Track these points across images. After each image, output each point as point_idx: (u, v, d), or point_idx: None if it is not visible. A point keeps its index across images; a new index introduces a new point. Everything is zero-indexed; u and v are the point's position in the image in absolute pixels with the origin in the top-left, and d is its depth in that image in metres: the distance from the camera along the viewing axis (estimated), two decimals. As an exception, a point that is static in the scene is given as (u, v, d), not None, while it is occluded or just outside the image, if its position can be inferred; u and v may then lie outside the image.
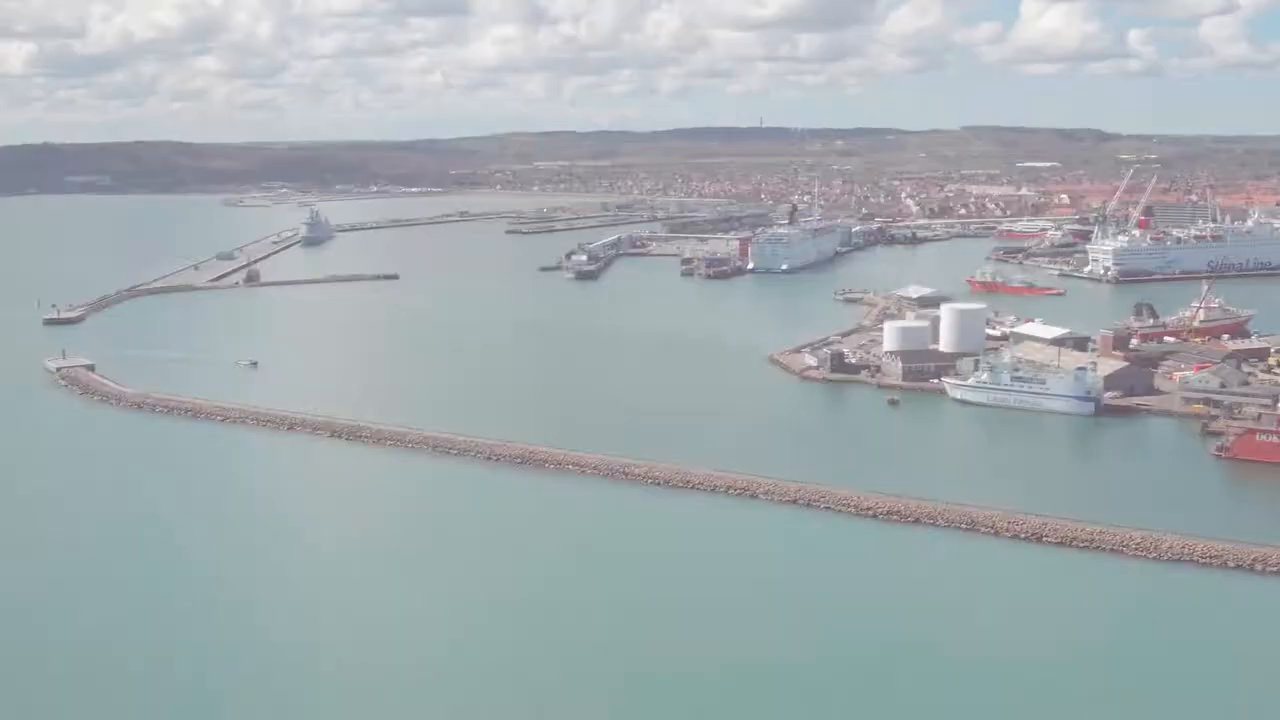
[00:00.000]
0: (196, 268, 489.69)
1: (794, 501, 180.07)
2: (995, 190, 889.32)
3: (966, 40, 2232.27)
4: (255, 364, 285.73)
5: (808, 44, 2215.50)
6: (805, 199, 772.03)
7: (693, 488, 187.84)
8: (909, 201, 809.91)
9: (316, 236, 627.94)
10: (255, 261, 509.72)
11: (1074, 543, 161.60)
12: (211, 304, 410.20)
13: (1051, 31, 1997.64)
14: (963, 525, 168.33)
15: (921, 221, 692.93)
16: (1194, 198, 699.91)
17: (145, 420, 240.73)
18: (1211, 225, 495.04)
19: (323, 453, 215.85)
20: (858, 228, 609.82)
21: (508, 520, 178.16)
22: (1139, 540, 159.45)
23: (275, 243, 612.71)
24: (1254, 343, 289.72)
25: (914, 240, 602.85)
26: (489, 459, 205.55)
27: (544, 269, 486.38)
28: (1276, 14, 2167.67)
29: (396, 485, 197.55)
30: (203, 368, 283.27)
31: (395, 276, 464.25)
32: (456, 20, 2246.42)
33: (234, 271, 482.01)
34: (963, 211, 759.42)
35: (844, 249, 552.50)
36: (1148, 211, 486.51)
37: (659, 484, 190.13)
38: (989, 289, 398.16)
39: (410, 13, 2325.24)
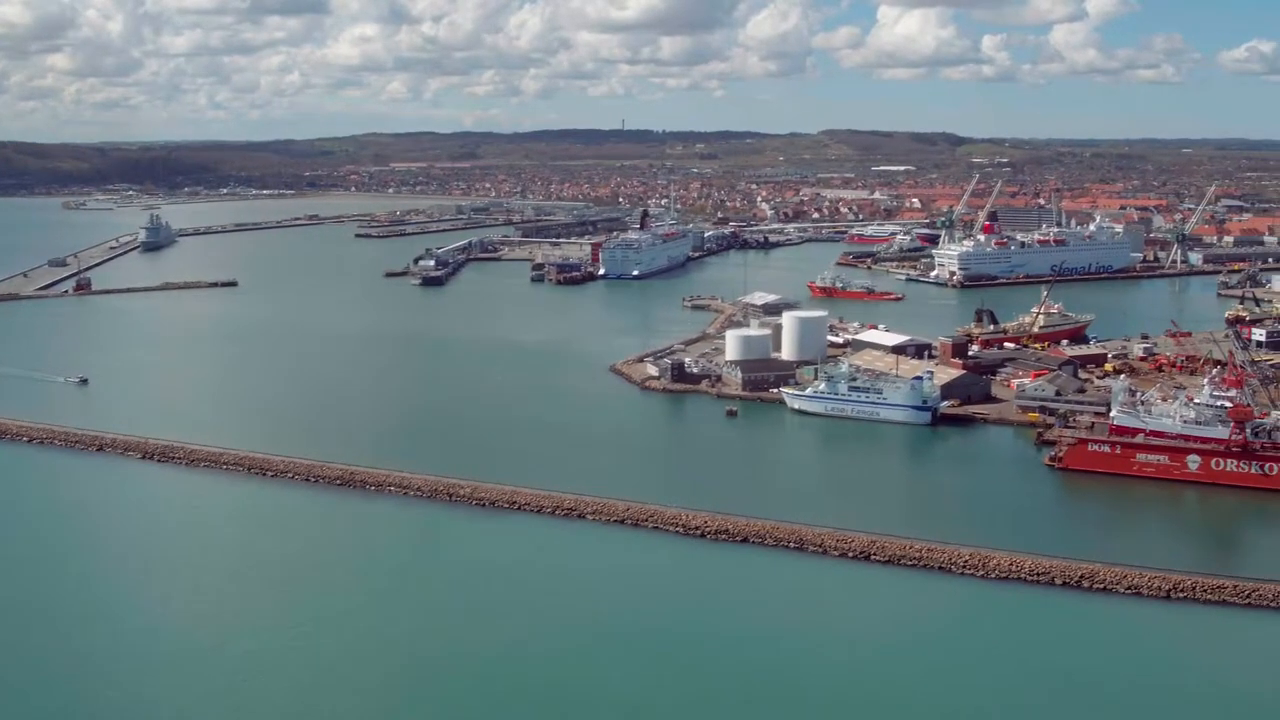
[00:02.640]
0: (26, 275, 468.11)
1: (622, 521, 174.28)
2: (849, 194, 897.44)
3: (826, 45, 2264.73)
4: (85, 381, 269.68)
5: (670, 47, 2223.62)
6: (663, 203, 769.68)
7: (519, 509, 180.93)
8: (764, 205, 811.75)
9: (156, 241, 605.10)
10: (89, 268, 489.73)
11: (902, 561, 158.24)
12: (37, 315, 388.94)
13: (907, 37, 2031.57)
14: (791, 544, 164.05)
15: (775, 225, 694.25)
16: (1041, 202, 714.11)
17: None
18: (1055, 230, 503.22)
19: (133, 476, 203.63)
20: (710, 232, 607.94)
21: (317, 546, 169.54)
22: (967, 558, 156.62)
23: (113, 248, 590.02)
24: (1092, 348, 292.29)
25: (767, 245, 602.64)
26: (307, 480, 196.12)
27: (390, 275, 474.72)
28: (1123, 22, 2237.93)
29: (202, 510, 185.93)
30: (27, 385, 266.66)
31: (234, 284, 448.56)
32: (315, 19, 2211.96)
33: (64, 279, 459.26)
34: (816, 215, 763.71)
35: (697, 254, 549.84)
36: (992, 216, 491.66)
37: (484, 505, 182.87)
38: (829, 294, 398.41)
39: (267, 11, 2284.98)
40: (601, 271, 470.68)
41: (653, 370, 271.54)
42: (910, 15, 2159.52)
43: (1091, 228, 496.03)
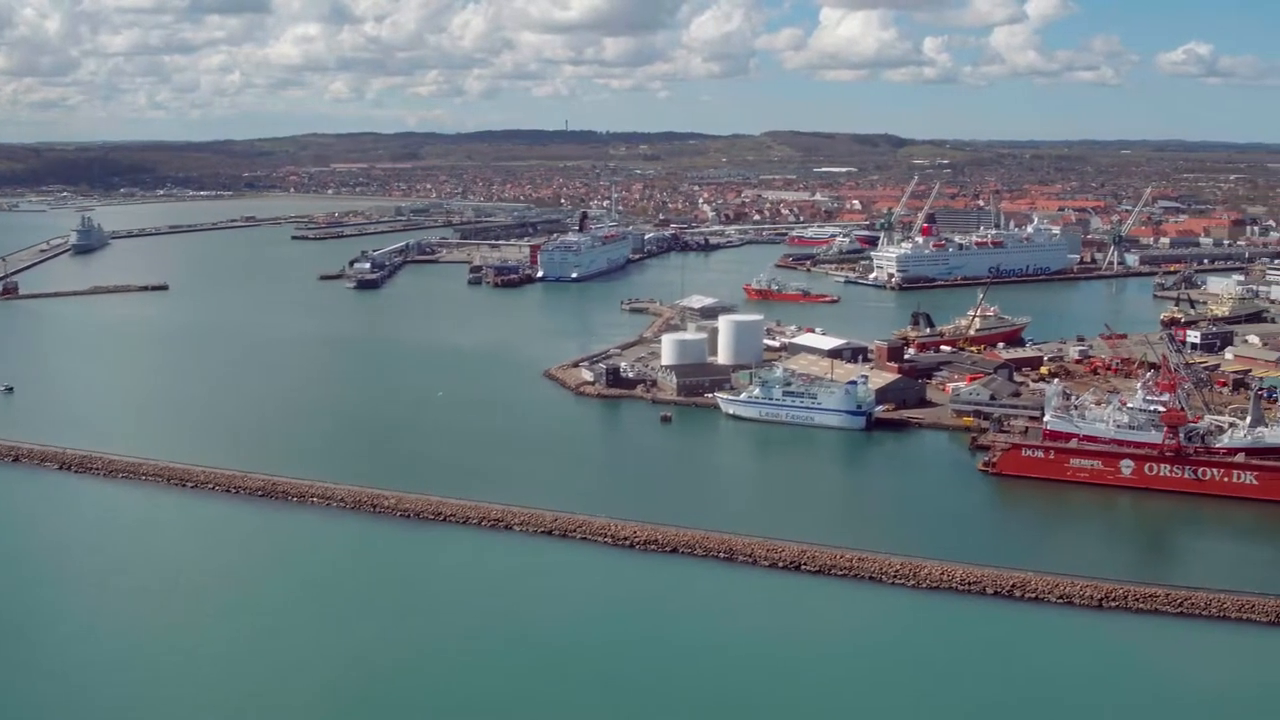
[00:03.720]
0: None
1: (549, 532, 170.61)
2: (790, 196, 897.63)
3: (769, 46, 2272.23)
4: (10, 389, 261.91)
5: (614, 47, 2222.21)
6: (605, 204, 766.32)
7: (445, 520, 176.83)
8: (706, 207, 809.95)
9: (88, 244, 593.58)
10: (17, 272, 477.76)
11: (833, 571, 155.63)
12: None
13: (849, 39, 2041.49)
14: (721, 554, 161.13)
15: (716, 227, 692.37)
16: (981, 203, 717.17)
17: None
18: (993, 232, 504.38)
19: (49, 488, 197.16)
20: (651, 234, 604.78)
21: (232, 560, 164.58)
22: (898, 567, 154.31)
23: (43, 251, 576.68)
24: (1028, 351, 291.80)
25: (707, 247, 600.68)
26: (228, 491, 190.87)
27: (324, 278, 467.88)
28: (1063, 24, 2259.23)
29: (115, 523, 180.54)
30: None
31: (164, 287, 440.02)
32: (256, 19, 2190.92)
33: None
34: (757, 217, 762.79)
35: (637, 256, 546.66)
36: (930, 218, 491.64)
37: (409, 517, 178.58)
38: (765, 296, 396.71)
39: (207, 10, 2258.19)
40: (540, 274, 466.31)
41: (587, 375, 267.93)
42: (852, 17, 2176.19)
43: (1029, 229, 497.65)
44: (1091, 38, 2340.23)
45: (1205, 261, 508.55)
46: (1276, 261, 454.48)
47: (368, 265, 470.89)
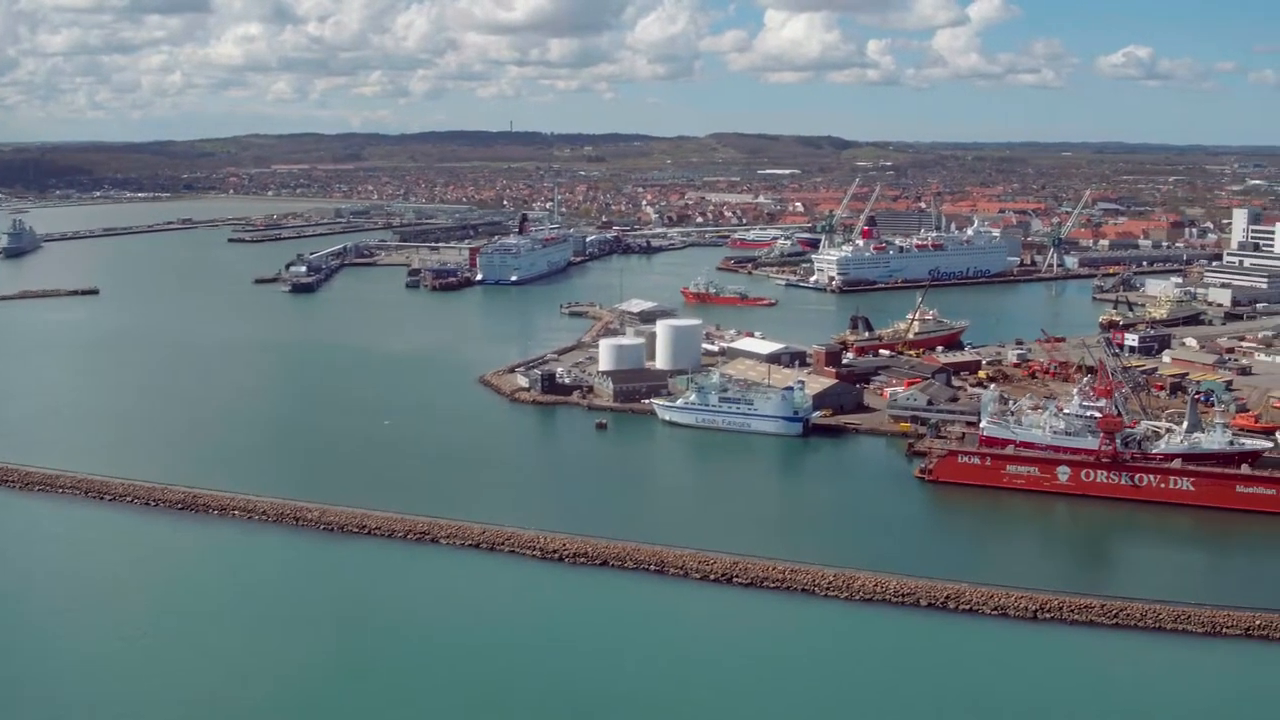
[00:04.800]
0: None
1: (477, 545, 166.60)
2: (734, 198, 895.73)
3: (713, 48, 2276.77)
4: None
5: (559, 49, 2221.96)
6: (548, 206, 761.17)
7: (369, 533, 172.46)
8: (649, 209, 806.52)
9: (19, 247, 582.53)
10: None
11: (765, 583, 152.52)
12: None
13: (794, 41, 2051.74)
14: (652, 567, 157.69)
15: (659, 230, 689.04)
16: (923, 205, 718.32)
17: None
18: (933, 234, 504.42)
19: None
20: (593, 237, 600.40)
21: (149, 574, 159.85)
22: (831, 579, 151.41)
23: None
24: (966, 355, 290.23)
25: (649, 249, 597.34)
26: (148, 504, 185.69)
27: (259, 281, 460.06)
28: (1005, 27, 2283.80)
29: (30, 537, 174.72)
30: None
31: (95, 291, 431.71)
32: (196, 18, 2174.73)
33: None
34: (700, 219, 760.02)
35: (579, 259, 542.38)
36: (871, 221, 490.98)
37: (333, 530, 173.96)
38: (703, 300, 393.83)
39: (147, 10, 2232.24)
40: (479, 277, 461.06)
41: (523, 381, 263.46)
42: (796, 19, 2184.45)
43: (969, 232, 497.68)
44: (1033, 41, 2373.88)
45: (1144, 264, 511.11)
46: (1214, 264, 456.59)
47: (303, 268, 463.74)
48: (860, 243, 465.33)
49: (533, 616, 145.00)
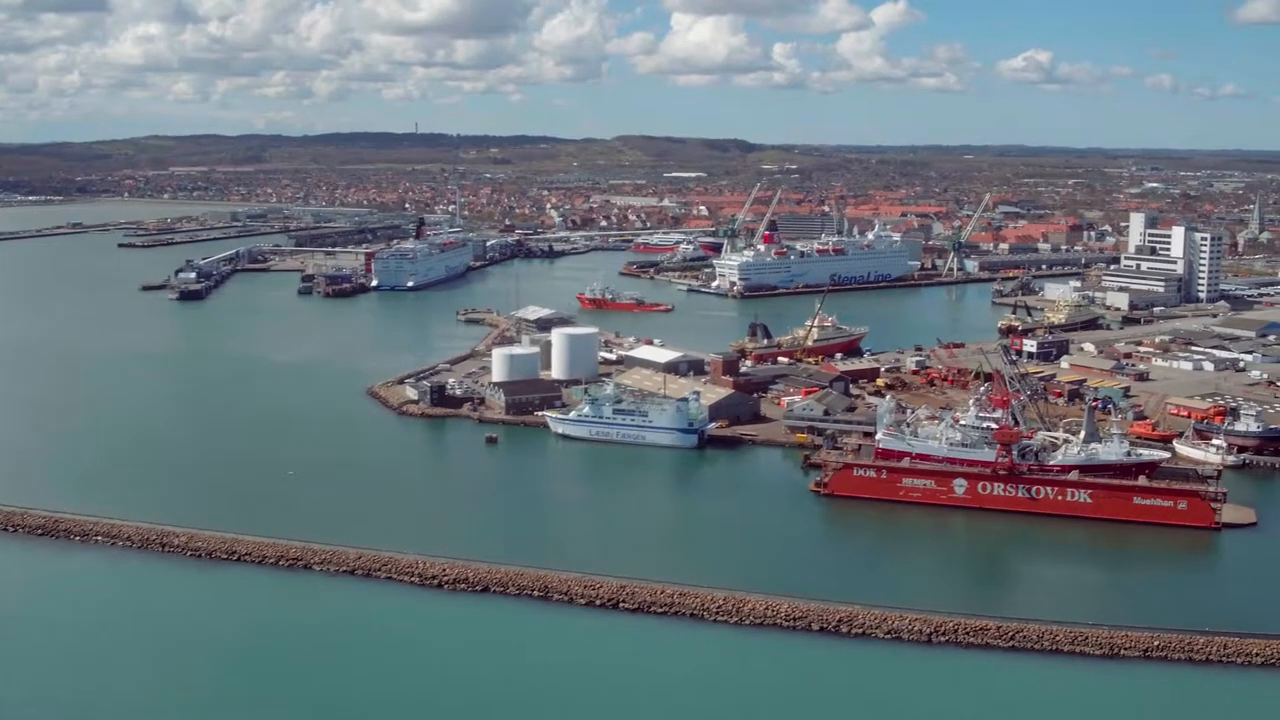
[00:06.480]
0: None
1: (352, 571, 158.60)
2: (638, 201, 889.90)
3: (621, 50, 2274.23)
4: None
5: (465, 50, 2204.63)
6: (450, 209, 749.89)
7: (239, 559, 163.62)
8: (553, 213, 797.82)
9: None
10: None
11: (653, 608, 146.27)
12: None
13: (700, 44, 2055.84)
14: (536, 593, 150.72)
15: (562, 234, 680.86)
16: (826, 209, 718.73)
17: None
18: (834, 239, 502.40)
19: None
20: (493, 240, 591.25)
21: (7, 606, 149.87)
22: (721, 602, 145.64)
23: None
24: (865, 362, 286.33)
25: (552, 254, 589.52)
26: (5, 529, 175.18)
27: (146, 288, 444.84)
28: (908, 31, 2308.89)
29: None
30: None
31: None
32: (94, 17, 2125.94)
33: None
34: (605, 223, 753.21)
35: (479, 263, 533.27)
36: (772, 225, 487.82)
37: (201, 556, 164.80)
38: (599, 306, 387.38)
39: (43, 8, 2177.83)
40: (374, 283, 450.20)
41: (411, 393, 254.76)
42: (702, 23, 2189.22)
43: (870, 236, 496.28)
44: (936, 45, 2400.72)
45: (1043, 267, 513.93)
46: (1112, 267, 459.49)
47: (193, 275, 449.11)
48: (761, 248, 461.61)
49: (401, 648, 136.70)
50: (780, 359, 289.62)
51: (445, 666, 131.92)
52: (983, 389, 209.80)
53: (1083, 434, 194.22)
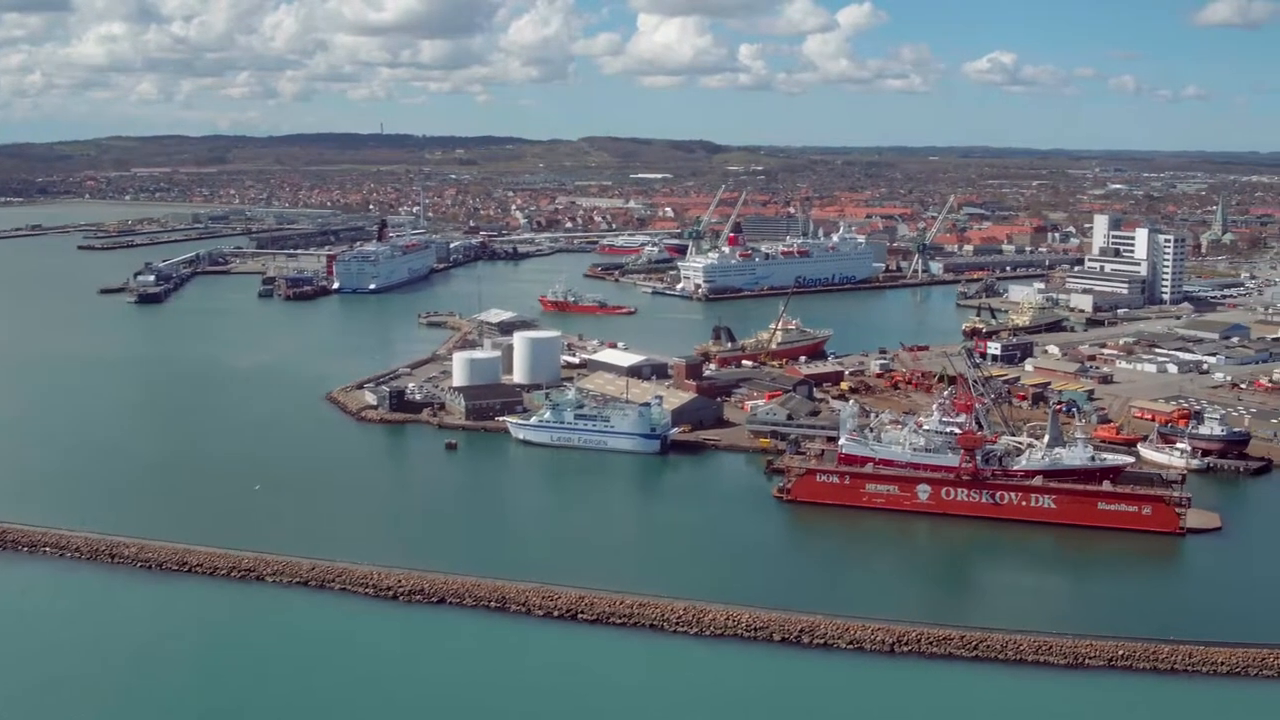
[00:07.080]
0: None
1: (306, 583, 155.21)
2: (604, 203, 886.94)
3: (587, 51, 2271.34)
4: None
5: (431, 50, 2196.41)
6: (414, 210, 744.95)
7: (190, 570, 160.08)
8: (518, 214, 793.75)
9: None
10: None
11: (611, 619, 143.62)
12: None
13: (666, 45, 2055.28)
14: (493, 603, 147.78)
15: (526, 235, 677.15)
16: (792, 210, 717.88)
17: None
18: (799, 241, 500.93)
19: None
20: (457, 242, 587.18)
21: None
22: (681, 613, 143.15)
23: None
24: (829, 365, 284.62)
25: (516, 255, 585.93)
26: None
27: (105, 291, 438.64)
28: (874, 33, 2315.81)
29: None
30: None
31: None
32: (56, 17, 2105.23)
33: None
34: (570, 225, 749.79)
35: (442, 265, 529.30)
36: (737, 227, 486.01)
37: (151, 568, 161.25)
38: (561, 309, 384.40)
39: (3, 8, 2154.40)
40: (336, 285, 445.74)
41: (370, 399, 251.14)
42: (669, 24, 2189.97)
43: (835, 238, 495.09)
44: (901, 46, 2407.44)
45: (1007, 269, 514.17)
46: (1076, 269, 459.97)
47: (152, 277, 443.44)
48: (726, 249, 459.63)
49: (354, 661, 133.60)
50: (744, 362, 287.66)
51: (399, 679, 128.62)
52: (947, 393, 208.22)
53: (1047, 438, 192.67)
